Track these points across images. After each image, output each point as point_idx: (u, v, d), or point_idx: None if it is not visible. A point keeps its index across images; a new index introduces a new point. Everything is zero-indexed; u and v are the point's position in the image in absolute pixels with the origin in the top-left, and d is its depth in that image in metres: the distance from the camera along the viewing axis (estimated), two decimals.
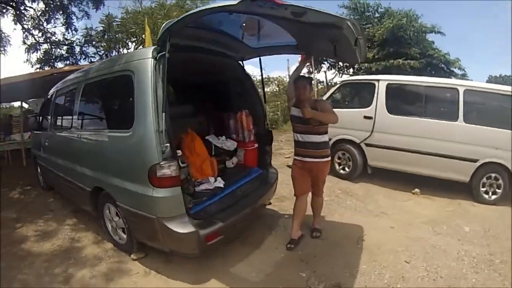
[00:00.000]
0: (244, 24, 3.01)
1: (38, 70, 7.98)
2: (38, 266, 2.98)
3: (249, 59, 3.79)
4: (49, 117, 4.36)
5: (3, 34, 6.43)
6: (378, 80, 4.85)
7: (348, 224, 3.59)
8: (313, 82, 3.18)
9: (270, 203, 3.92)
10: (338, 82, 6.02)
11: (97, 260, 3.01)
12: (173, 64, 2.87)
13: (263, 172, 3.61)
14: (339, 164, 5.23)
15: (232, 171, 3.59)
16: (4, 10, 6.07)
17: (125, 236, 2.99)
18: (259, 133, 3.74)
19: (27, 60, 8.55)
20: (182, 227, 2.37)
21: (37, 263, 3.04)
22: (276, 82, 15.07)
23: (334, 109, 4.70)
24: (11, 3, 6.04)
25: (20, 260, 3.10)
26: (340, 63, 14.13)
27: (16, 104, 9.92)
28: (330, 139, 4.94)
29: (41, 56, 8.44)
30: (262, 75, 3.94)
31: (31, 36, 7.73)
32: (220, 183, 3.12)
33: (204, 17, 2.58)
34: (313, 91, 3.19)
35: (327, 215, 3.78)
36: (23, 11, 6.79)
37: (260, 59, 3.74)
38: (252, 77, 3.93)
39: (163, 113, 2.30)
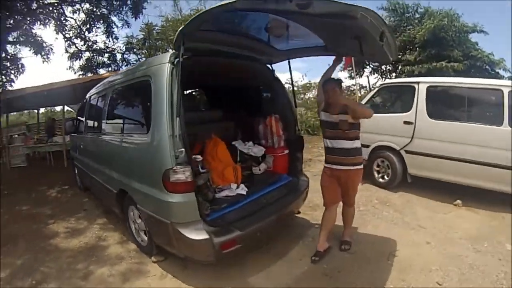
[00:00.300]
0: (268, 26, 2.94)
1: (81, 76, 8.54)
2: (62, 261, 3.11)
3: (278, 62, 3.69)
4: (83, 121, 4.58)
5: (44, 44, 6.94)
6: (418, 83, 4.47)
7: (381, 237, 3.29)
8: (346, 84, 3.01)
9: (299, 212, 3.73)
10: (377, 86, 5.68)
11: (118, 260, 3.07)
12: (199, 69, 2.86)
13: (293, 180, 3.43)
14: (378, 172, 4.89)
15: (259, 178, 3.46)
16: (47, 21, 6.57)
17: (146, 238, 3.00)
18: (290, 139, 3.59)
19: (70, 67, 9.15)
20: (195, 234, 2.30)
21: (61, 258, 3.16)
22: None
23: (374, 114, 4.42)
24: (52, 15, 6.52)
25: (47, 254, 3.26)
26: (383, 67, 13.70)
27: (60, 108, 10.56)
28: (368, 146, 4.83)
29: (83, 64, 9.04)
30: (291, 78, 3.80)
31: (73, 44, 8.32)
32: (242, 190, 3.00)
33: (223, 19, 2.59)
34: (346, 94, 3.00)
35: (360, 227, 3.52)
36: (63, 21, 7.31)
37: (289, 62, 3.62)
38: (292, 82, 3.77)
39: (177, 118, 2.27)
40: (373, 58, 2.89)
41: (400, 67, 12.28)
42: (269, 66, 3.57)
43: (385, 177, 4.79)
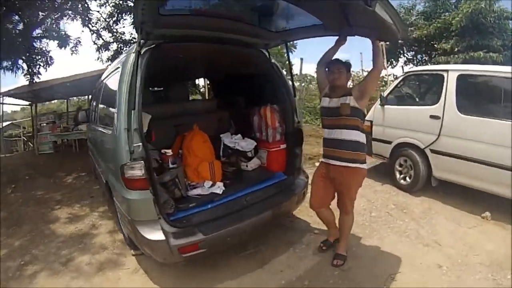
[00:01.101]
0: (258, 5, 2.66)
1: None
2: (53, 245, 3.24)
3: (274, 46, 3.36)
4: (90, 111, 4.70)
5: (70, 37, 7.27)
6: (447, 71, 3.77)
7: (385, 253, 2.80)
8: (351, 69, 2.64)
9: (292, 215, 3.42)
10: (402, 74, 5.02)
11: (101, 249, 3.11)
12: (183, 57, 2.66)
13: (288, 179, 3.07)
14: (400, 173, 4.30)
15: (248, 175, 3.15)
16: (73, 15, 6.89)
17: None
18: (288, 132, 3.24)
19: (98, 58, 9.45)
20: (151, 233, 2.15)
21: (54, 242, 3.30)
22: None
23: (398, 106, 4.05)
24: (77, 9, 6.82)
25: (43, 237, 3.41)
26: (418, 56, 12.87)
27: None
28: (390, 142, 4.25)
29: (111, 55, 9.21)
30: (289, 63, 3.43)
31: (100, 37, 8.62)
32: (218, 188, 2.73)
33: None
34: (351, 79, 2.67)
35: (365, 237, 3.09)
36: (88, 15, 7.57)
37: (286, 45, 3.30)
38: (290, 67, 3.43)
39: (133, 111, 2.12)
40: (374, 33, 2.37)
41: (435, 56, 11.40)
42: (263, 51, 3.19)
43: (407, 178, 4.19)
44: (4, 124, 16.17)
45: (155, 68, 2.35)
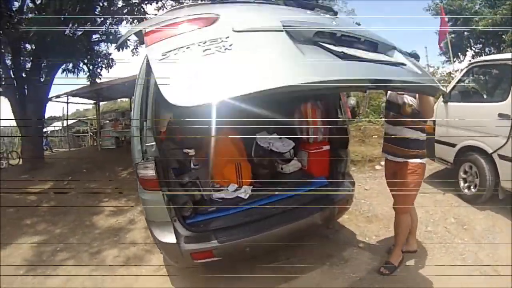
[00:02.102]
0: None
1: None
2: (90, 236, 3.47)
3: None
4: None
5: (128, 40, 7.61)
6: None
7: (432, 280, 2.37)
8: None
9: (330, 227, 3.07)
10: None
11: (132, 245, 3.21)
12: None
13: (329, 185, 2.74)
14: (465, 181, 3.70)
15: (285, 179, 2.89)
16: (131, 20, 7.35)
17: None
18: (331, 132, 2.93)
19: None
20: (162, 235, 2.10)
21: (91, 233, 3.53)
22: None
23: (463, 103, 3.76)
24: (134, 13, 7.21)
25: (83, 228, 3.68)
26: (486, 49, 11.78)
27: None
28: (455, 145, 3.77)
29: None
30: None
31: None
32: (244, 193, 2.54)
33: None
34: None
35: (414, 255, 2.67)
36: (145, 19, 7.86)
37: None
38: None
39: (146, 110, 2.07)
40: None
41: (504, 48, 10.23)
42: None
43: (472, 188, 3.57)
44: (73, 121, 18.37)
45: None
